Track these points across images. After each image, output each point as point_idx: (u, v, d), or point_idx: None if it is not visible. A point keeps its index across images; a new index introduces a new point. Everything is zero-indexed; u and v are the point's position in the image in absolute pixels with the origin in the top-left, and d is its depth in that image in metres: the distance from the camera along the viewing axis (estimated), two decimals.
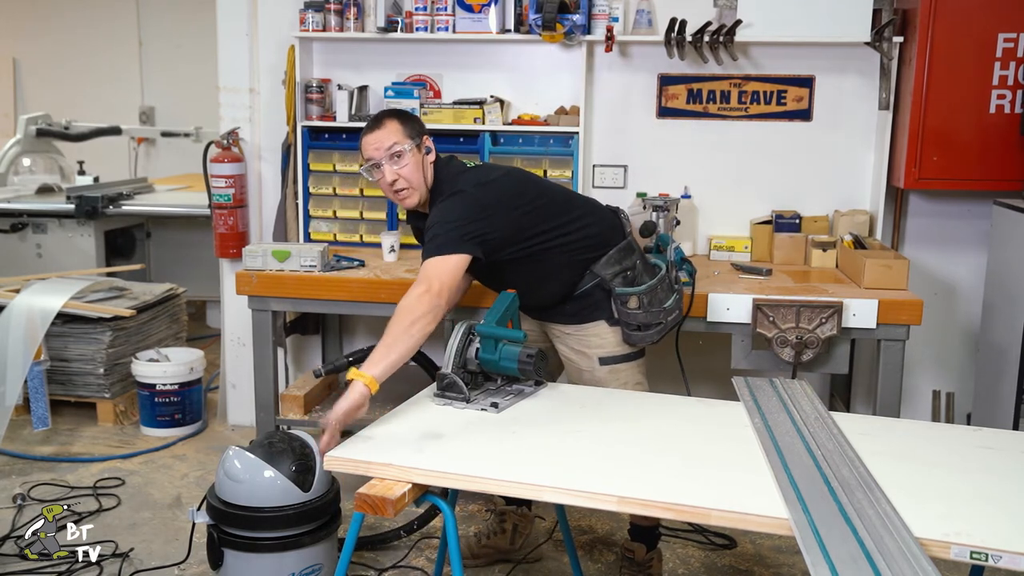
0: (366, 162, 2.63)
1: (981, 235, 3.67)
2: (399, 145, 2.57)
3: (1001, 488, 1.88)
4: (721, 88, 3.76)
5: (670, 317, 2.77)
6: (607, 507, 1.85)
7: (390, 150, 2.57)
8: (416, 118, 2.72)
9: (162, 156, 7.20)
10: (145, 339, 4.40)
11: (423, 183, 2.62)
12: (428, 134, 2.68)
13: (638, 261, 2.76)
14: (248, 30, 3.97)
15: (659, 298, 2.72)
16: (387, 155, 2.57)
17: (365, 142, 2.62)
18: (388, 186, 2.62)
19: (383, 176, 2.60)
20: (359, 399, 2.21)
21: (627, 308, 2.69)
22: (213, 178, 3.95)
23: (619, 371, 2.76)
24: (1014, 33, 3.32)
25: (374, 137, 2.60)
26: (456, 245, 2.46)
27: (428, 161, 2.65)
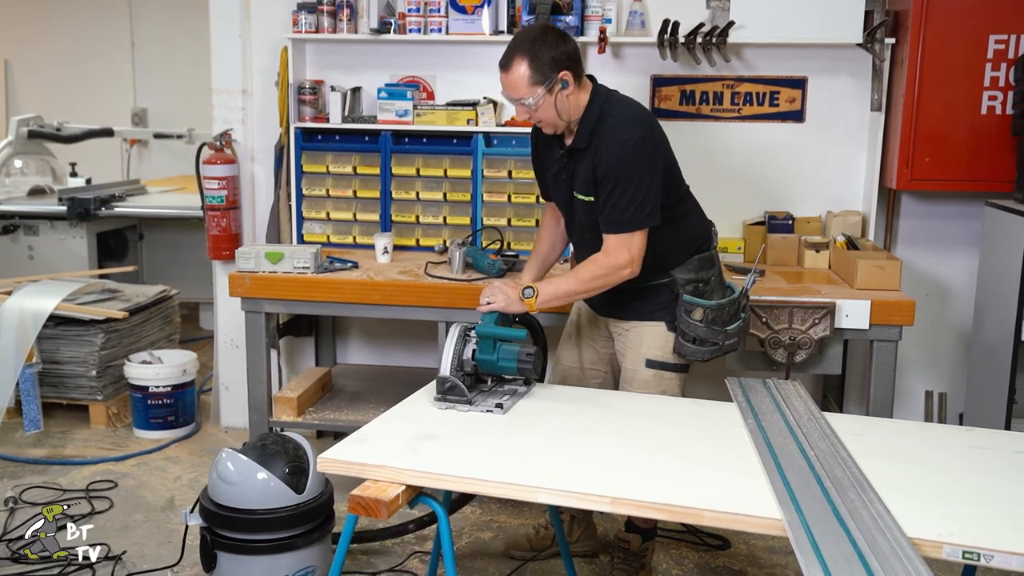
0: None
1: (973, 236, 3.69)
2: (526, 98, 2.49)
3: (993, 488, 1.89)
4: (714, 89, 3.76)
5: (728, 341, 2.68)
6: (600, 508, 1.85)
7: (519, 102, 2.52)
8: (552, 49, 2.48)
9: (155, 158, 7.18)
10: (138, 341, 4.39)
11: (557, 118, 2.53)
12: (569, 64, 2.49)
13: (714, 277, 2.71)
14: (241, 31, 3.96)
15: (723, 319, 2.65)
16: (517, 103, 2.53)
17: (504, 81, 2.53)
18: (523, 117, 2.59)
19: (517, 112, 2.58)
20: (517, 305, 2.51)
21: (690, 318, 2.62)
22: (206, 180, 3.94)
23: (663, 378, 2.70)
24: (1005, 35, 3.34)
25: (504, 80, 2.52)
26: (654, 215, 2.51)
27: (567, 94, 2.51)
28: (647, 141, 2.52)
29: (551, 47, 2.48)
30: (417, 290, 3.29)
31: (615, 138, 2.50)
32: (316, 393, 3.80)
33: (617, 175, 2.48)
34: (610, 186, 2.49)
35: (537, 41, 2.49)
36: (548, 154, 2.73)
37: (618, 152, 2.48)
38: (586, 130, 2.54)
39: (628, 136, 2.50)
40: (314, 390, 3.78)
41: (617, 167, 2.48)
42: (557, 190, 2.75)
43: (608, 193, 2.50)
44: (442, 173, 3.77)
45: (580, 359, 2.90)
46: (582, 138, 2.55)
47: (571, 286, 2.57)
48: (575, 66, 2.52)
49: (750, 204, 3.82)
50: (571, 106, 2.54)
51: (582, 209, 2.63)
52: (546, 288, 2.55)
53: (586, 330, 2.89)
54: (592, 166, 2.53)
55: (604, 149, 2.50)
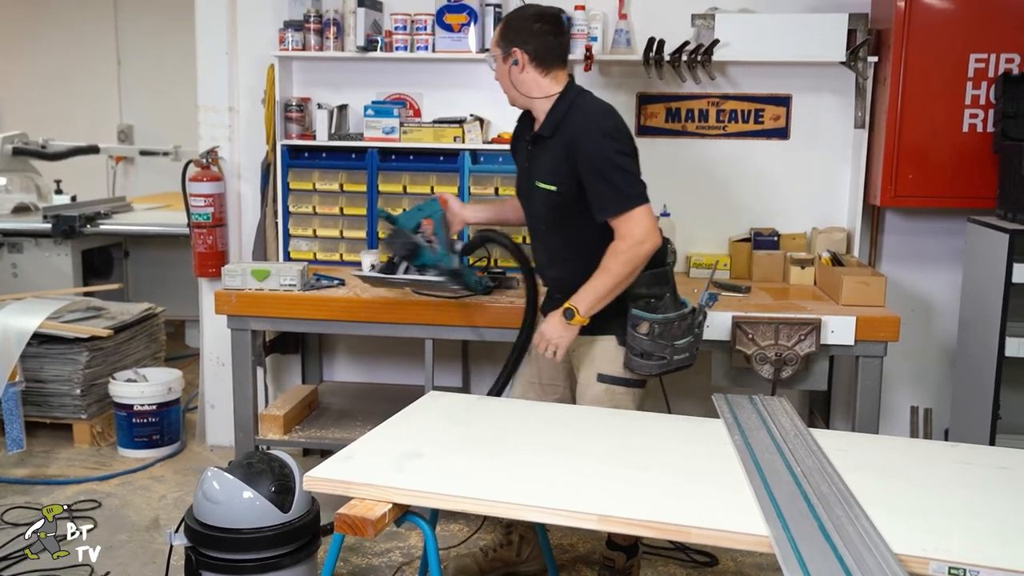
0: None
1: (956, 252, 3.71)
2: (490, 53, 2.75)
3: (979, 503, 1.89)
4: (699, 107, 3.79)
5: (677, 356, 2.67)
6: (588, 526, 1.84)
7: (487, 54, 2.78)
8: (523, 24, 2.68)
9: (141, 175, 7.16)
10: (123, 359, 4.36)
11: (511, 88, 2.71)
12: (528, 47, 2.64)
13: (668, 293, 2.71)
14: (228, 49, 3.96)
15: (672, 333, 2.64)
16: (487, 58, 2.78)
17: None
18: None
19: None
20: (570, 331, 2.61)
21: (636, 331, 2.63)
22: (192, 197, 3.93)
23: (614, 392, 2.70)
24: (985, 53, 3.38)
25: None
26: (646, 193, 2.57)
27: (517, 71, 2.67)
28: (621, 129, 2.62)
29: (526, 26, 2.67)
30: (404, 307, 3.29)
31: (589, 127, 2.58)
32: (302, 411, 3.78)
33: (600, 161, 2.55)
34: (597, 173, 2.55)
35: (520, 15, 2.72)
36: (521, 145, 2.84)
37: (596, 140, 2.56)
38: (553, 120, 2.64)
39: (602, 124, 2.58)
40: (300, 408, 3.76)
41: (599, 154, 2.55)
42: (521, 179, 2.85)
43: (597, 180, 2.55)
44: (429, 190, 3.77)
45: (538, 373, 2.91)
46: (547, 127, 2.65)
47: (606, 282, 2.56)
48: (540, 54, 2.65)
49: (736, 221, 3.84)
50: (522, 85, 2.68)
51: (540, 198, 2.69)
52: (584, 298, 2.57)
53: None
54: (562, 156, 2.59)
55: (580, 140, 2.57)
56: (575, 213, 2.63)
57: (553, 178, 2.62)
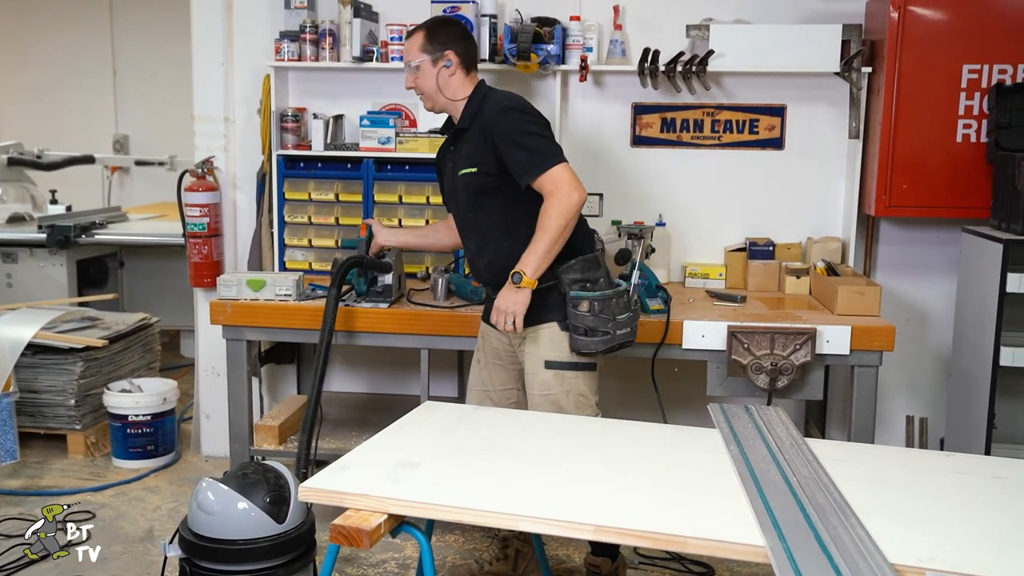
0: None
1: (951, 261, 3.72)
2: (415, 60, 2.82)
3: (974, 513, 1.89)
4: (694, 117, 3.80)
5: (620, 331, 2.74)
6: (584, 536, 1.84)
7: (409, 62, 2.84)
8: (449, 30, 2.87)
9: (136, 185, 7.16)
10: (117, 369, 4.35)
11: (437, 93, 2.83)
12: (457, 49, 2.82)
13: (602, 278, 2.79)
14: (223, 59, 3.97)
15: (612, 310, 2.73)
16: (409, 66, 2.84)
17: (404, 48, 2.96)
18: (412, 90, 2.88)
19: (406, 81, 2.88)
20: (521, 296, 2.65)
21: (577, 311, 2.71)
22: (187, 207, 3.93)
23: (564, 377, 2.76)
24: (978, 64, 3.40)
25: (405, 46, 2.92)
26: (562, 153, 2.68)
27: (449, 74, 2.82)
28: (529, 107, 2.79)
29: (448, 31, 2.86)
30: (399, 317, 3.29)
31: (498, 105, 2.75)
32: (298, 421, 3.77)
33: (513, 132, 2.68)
34: (513, 143, 2.67)
35: (440, 24, 2.91)
36: (444, 158, 2.97)
37: (507, 115, 2.71)
38: (469, 112, 2.80)
39: (511, 102, 2.77)
40: (296, 418, 3.75)
41: (512, 127, 2.69)
42: (447, 183, 2.94)
43: (514, 149, 2.67)
44: (424, 200, 3.78)
45: (491, 381, 2.95)
46: (465, 118, 2.80)
47: (544, 240, 2.62)
48: (466, 57, 2.84)
49: (731, 231, 3.85)
50: (450, 87, 2.82)
51: (462, 186, 2.80)
52: (528, 260, 2.63)
53: (491, 352, 2.95)
54: (479, 140, 2.74)
55: (493, 119, 2.72)
56: (497, 189, 2.75)
57: (472, 161, 2.76)
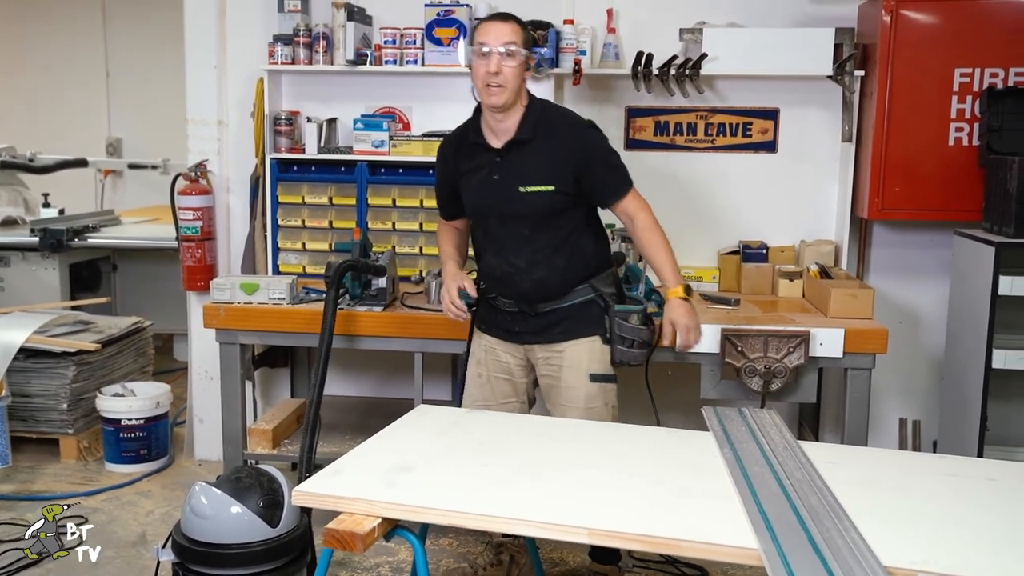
0: (477, 45, 2.63)
1: (943, 264, 3.74)
2: (516, 46, 2.61)
3: (967, 515, 1.90)
4: (688, 120, 3.81)
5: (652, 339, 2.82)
6: (578, 539, 1.84)
7: (507, 45, 2.60)
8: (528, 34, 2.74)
9: (129, 188, 7.14)
10: (110, 373, 4.33)
11: (516, 90, 2.66)
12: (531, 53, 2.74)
13: (621, 289, 2.87)
14: (217, 62, 3.97)
15: (646, 320, 2.80)
16: (503, 48, 2.60)
17: (486, 27, 2.64)
18: (487, 74, 2.60)
19: (488, 64, 2.59)
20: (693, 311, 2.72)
21: (630, 324, 2.74)
22: (181, 210, 3.92)
23: (605, 390, 2.79)
24: (970, 68, 3.41)
25: (498, 27, 2.63)
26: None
27: (526, 75, 2.71)
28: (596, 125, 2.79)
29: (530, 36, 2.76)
30: (393, 320, 3.29)
31: (574, 122, 2.74)
32: (291, 425, 3.77)
33: (601, 151, 2.72)
34: (602, 162, 2.71)
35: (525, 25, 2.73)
36: (468, 163, 2.78)
37: (591, 135, 2.73)
38: (530, 123, 2.69)
39: (584, 121, 2.76)
40: (289, 422, 3.74)
41: (593, 144, 2.71)
42: (483, 195, 2.76)
43: (604, 168, 2.71)
44: (418, 203, 3.78)
45: (493, 395, 2.88)
46: (526, 130, 2.68)
47: (667, 252, 2.74)
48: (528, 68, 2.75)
49: (724, 234, 3.86)
50: (520, 89, 2.69)
51: (528, 201, 2.67)
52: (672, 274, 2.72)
53: (495, 365, 2.88)
54: (553, 156, 2.67)
55: (577, 136, 2.70)
56: (563, 209, 2.71)
57: (548, 178, 2.66)
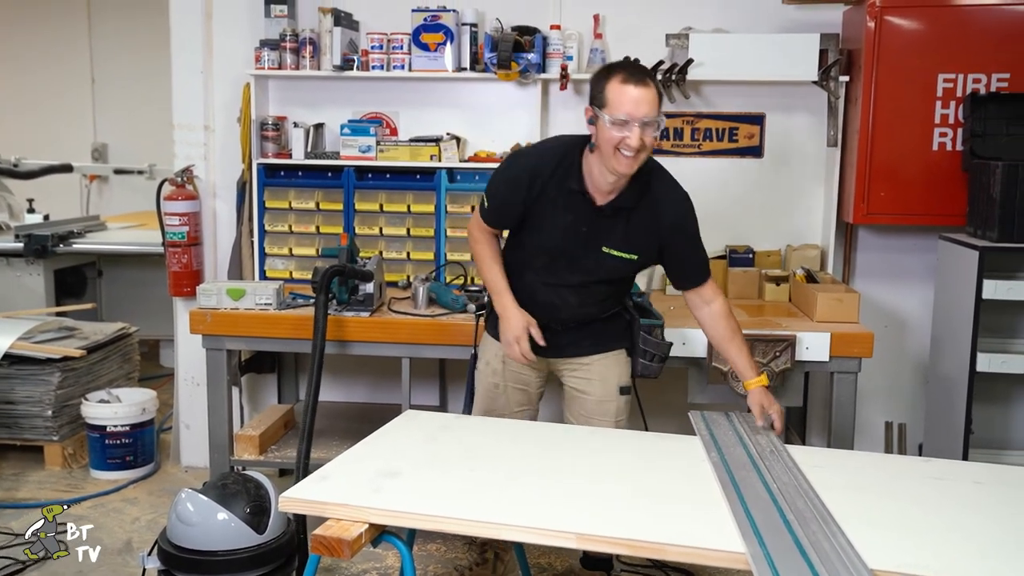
0: (614, 107, 2.36)
1: (928, 268, 3.76)
2: (660, 117, 2.41)
3: (953, 518, 1.91)
4: (674, 125, 3.82)
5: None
6: (566, 544, 1.84)
7: (654, 117, 2.38)
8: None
9: (115, 194, 7.10)
10: (95, 380, 4.31)
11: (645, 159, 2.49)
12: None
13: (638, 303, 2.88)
14: (203, 67, 3.95)
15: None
16: (649, 119, 2.37)
17: (632, 93, 2.35)
18: (631, 148, 2.37)
19: (629, 136, 2.35)
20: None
21: (655, 338, 2.76)
22: (167, 216, 3.91)
23: (627, 402, 2.81)
24: (953, 74, 3.43)
25: (645, 97, 2.35)
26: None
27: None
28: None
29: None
30: (381, 326, 3.28)
31: (679, 196, 2.63)
32: (279, 431, 3.75)
33: (692, 231, 2.65)
34: (691, 242, 2.66)
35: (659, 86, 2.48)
36: (557, 203, 2.55)
37: (687, 210, 2.63)
38: (637, 191, 2.54)
39: (685, 194, 2.64)
40: (276, 428, 3.73)
41: (691, 224, 2.64)
42: (565, 243, 2.58)
43: (692, 249, 2.66)
44: (405, 209, 3.77)
45: (507, 404, 2.83)
46: (632, 197, 2.54)
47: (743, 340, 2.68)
48: None
49: (711, 238, 3.78)
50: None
51: (607, 262, 2.59)
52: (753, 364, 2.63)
53: (512, 375, 2.80)
54: (650, 228, 2.58)
55: (670, 208, 2.60)
56: (637, 272, 2.72)
57: (636, 248, 2.59)
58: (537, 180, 2.54)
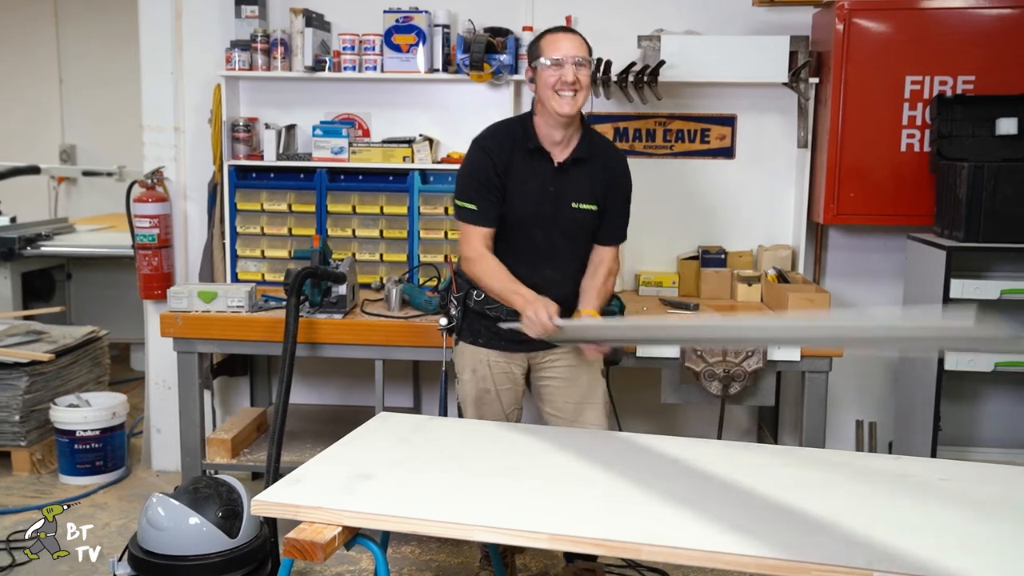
0: (545, 56, 2.59)
1: (897, 268, 3.80)
2: (587, 58, 2.62)
3: (921, 515, 1.93)
4: (647, 127, 3.84)
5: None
6: (539, 544, 1.84)
7: (583, 57, 2.60)
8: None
9: (84, 196, 7.03)
10: (64, 384, 4.25)
11: (584, 101, 2.64)
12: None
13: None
14: (173, 68, 3.92)
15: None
16: (578, 59, 2.59)
17: (561, 38, 2.62)
18: (562, 83, 2.56)
19: (563, 74, 2.56)
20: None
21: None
22: (137, 218, 3.87)
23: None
24: (920, 76, 3.48)
25: (573, 40, 2.62)
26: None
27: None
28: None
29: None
30: (354, 328, 3.27)
31: (618, 152, 2.77)
32: (251, 434, 3.73)
33: (628, 190, 2.76)
34: (622, 199, 2.75)
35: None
36: (524, 168, 2.67)
37: (627, 168, 2.76)
38: (586, 142, 2.69)
39: (624, 154, 2.78)
40: (249, 431, 3.70)
41: (628, 180, 2.76)
42: (538, 205, 2.67)
43: (622, 207, 2.76)
44: (378, 210, 3.76)
45: (502, 407, 2.82)
46: (584, 148, 2.69)
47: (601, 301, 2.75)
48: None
49: (683, 239, 3.89)
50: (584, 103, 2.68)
51: (575, 218, 2.70)
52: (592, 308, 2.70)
53: (501, 377, 2.80)
54: (601, 178, 2.70)
55: (622, 169, 2.74)
56: (595, 228, 2.76)
57: (594, 198, 2.70)
58: (501, 151, 2.68)
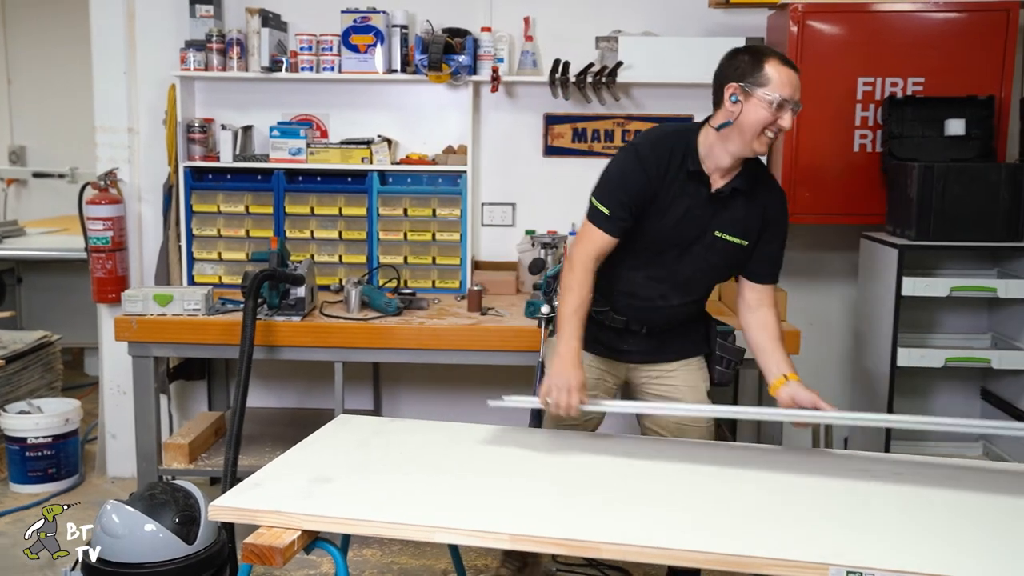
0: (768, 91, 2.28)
1: (851, 267, 3.86)
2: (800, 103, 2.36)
3: (874, 509, 1.96)
4: (605, 127, 3.86)
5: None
6: (500, 545, 1.85)
7: (799, 103, 2.34)
8: None
9: (34, 198, 6.87)
10: (15, 390, 4.17)
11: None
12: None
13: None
14: (126, 68, 3.86)
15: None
16: (798, 104, 2.33)
17: (792, 76, 2.31)
18: (782, 130, 2.33)
19: (784, 119, 2.31)
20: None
21: (731, 343, 2.69)
22: (90, 220, 3.80)
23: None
24: (872, 77, 3.54)
25: (797, 81, 2.32)
26: None
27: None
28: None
29: None
30: (312, 330, 3.25)
31: (780, 189, 2.56)
32: (209, 439, 3.68)
33: (785, 228, 2.54)
34: (781, 238, 2.54)
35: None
36: (677, 187, 2.45)
37: (786, 205, 2.54)
38: (751, 173, 2.47)
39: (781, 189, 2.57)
40: (207, 435, 3.66)
41: (787, 220, 2.54)
42: (683, 228, 2.47)
43: (778, 244, 2.54)
44: (337, 212, 3.74)
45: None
46: (746, 182, 2.45)
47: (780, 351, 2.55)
48: None
49: None
50: None
51: (719, 248, 2.49)
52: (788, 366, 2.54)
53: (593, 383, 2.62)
54: (757, 214, 2.48)
55: (781, 208, 2.53)
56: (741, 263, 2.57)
57: (746, 234, 2.49)
58: (658, 165, 2.44)
